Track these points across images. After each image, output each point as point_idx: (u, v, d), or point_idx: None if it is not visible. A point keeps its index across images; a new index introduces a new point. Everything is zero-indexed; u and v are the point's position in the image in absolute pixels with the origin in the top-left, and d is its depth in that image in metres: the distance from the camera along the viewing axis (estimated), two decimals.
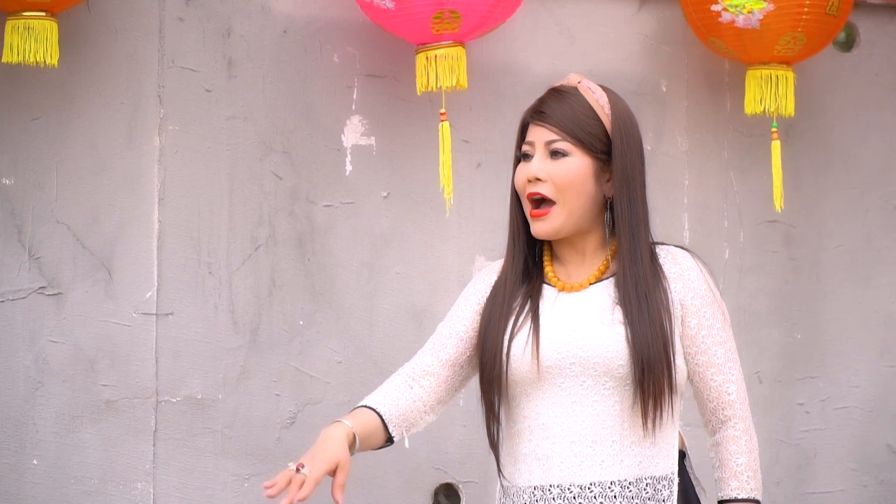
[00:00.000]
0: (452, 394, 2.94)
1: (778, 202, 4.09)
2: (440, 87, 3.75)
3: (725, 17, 3.92)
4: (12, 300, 3.66)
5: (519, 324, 2.85)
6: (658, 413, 2.79)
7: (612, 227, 2.90)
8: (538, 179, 2.85)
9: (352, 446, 2.75)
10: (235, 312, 3.80)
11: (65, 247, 3.69)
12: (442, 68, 3.75)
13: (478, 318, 2.92)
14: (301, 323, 3.85)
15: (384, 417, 2.83)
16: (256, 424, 3.80)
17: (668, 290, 2.85)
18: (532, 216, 2.87)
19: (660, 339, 2.79)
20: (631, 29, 4.16)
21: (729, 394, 2.88)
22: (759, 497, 2.86)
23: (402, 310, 3.92)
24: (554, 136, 2.85)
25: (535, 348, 2.82)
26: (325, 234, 3.88)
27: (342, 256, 3.89)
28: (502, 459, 2.90)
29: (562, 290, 2.88)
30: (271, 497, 2.64)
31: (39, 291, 3.67)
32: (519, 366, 2.83)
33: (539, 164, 2.86)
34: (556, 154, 2.85)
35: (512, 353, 2.83)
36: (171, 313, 3.76)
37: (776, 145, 4.09)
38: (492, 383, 2.85)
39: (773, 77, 4.03)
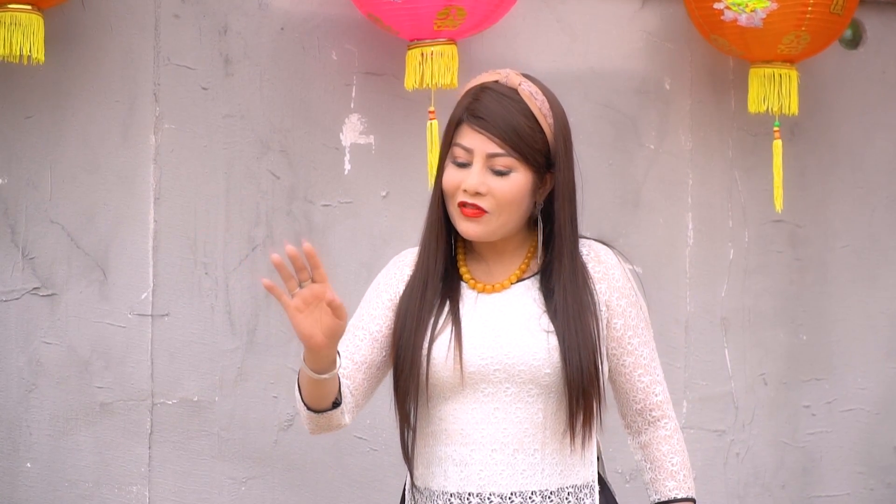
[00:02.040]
0: (368, 396, 2.81)
1: (778, 202, 4.06)
2: (433, 84, 3.71)
3: (728, 15, 3.89)
4: (5, 301, 3.63)
5: (439, 327, 2.75)
6: (588, 428, 2.73)
7: (535, 224, 2.79)
8: (478, 193, 2.72)
9: (333, 363, 2.59)
10: (232, 314, 3.77)
11: (59, 247, 3.66)
12: (437, 66, 3.71)
13: (392, 315, 2.80)
14: None
15: (341, 380, 2.70)
16: (253, 427, 3.78)
17: (594, 293, 2.77)
18: (466, 215, 2.74)
19: (590, 350, 2.72)
20: (634, 26, 4.13)
21: (656, 394, 2.83)
22: (695, 496, 2.82)
23: None
24: (497, 150, 2.71)
25: (458, 353, 2.72)
26: (324, 234, 3.85)
27: (341, 256, 3.86)
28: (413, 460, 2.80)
29: (482, 291, 2.79)
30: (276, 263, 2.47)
31: (33, 292, 3.64)
32: (440, 371, 2.73)
33: (480, 178, 2.71)
34: (499, 170, 2.71)
35: (433, 357, 2.73)
36: (167, 314, 3.73)
37: (777, 144, 4.06)
38: (408, 389, 2.74)
39: (777, 76, 4.01)
